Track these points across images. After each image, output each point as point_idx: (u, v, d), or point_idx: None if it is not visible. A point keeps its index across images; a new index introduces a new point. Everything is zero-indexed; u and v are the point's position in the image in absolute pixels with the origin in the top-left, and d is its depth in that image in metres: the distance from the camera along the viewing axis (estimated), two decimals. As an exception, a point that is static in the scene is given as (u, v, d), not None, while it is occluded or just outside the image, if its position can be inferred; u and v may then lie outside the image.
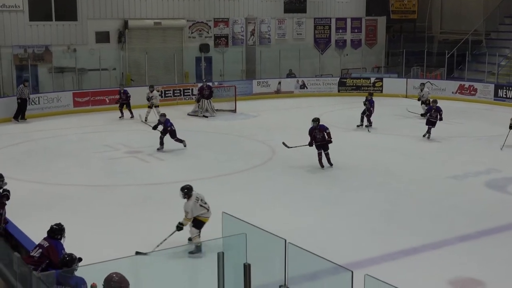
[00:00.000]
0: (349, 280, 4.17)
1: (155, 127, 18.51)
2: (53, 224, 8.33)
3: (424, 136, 19.66)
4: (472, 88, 29.34)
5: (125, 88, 24.80)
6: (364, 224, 11.99)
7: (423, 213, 12.76)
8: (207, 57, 31.18)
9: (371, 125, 21.72)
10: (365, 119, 21.85)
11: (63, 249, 8.20)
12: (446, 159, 17.59)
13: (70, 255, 7.16)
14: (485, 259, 10.44)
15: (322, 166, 16.21)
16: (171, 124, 18.06)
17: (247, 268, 5.01)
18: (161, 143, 18.02)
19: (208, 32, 31.63)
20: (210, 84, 26.05)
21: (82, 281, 6.60)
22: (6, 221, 9.49)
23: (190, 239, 10.40)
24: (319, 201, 13.55)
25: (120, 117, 24.07)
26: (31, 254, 7.90)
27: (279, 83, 31.13)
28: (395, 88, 30.33)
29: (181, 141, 18.12)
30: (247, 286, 5.05)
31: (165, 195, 13.92)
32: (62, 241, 8.26)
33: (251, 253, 5.13)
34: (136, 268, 9.27)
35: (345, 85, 31.58)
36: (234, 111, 25.87)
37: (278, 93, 30.70)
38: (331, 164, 16.28)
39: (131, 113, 23.89)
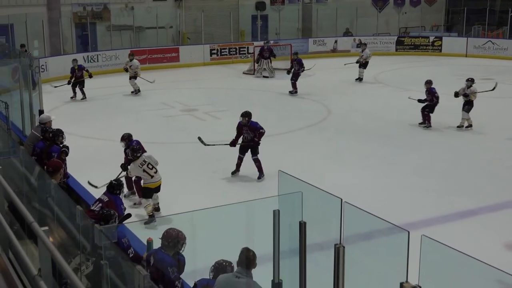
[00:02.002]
0: (406, 240, 4.14)
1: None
2: (112, 179, 8.54)
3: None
4: (535, 47, 28.48)
5: (80, 64, 20.81)
6: (420, 184, 11.87)
7: (481, 174, 12.55)
8: (263, 15, 31.02)
9: (295, 91, 20.59)
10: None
11: (122, 204, 8.41)
12: (505, 120, 17.19)
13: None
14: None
15: (237, 170, 12.34)
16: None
17: (302, 226, 5.03)
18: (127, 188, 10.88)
19: (264, -10, 31.44)
20: (272, 42, 25.88)
21: (122, 235, 6.72)
22: (67, 176, 9.74)
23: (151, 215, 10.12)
24: (375, 161, 13.46)
25: (71, 97, 20.27)
26: (92, 208, 8.12)
27: (336, 41, 30.78)
28: (454, 47, 29.67)
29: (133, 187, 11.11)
30: (303, 244, 5.07)
31: (222, 153, 14.04)
32: (121, 196, 8.47)
33: (307, 212, 5.13)
34: (193, 224, 9.43)
35: (403, 44, 31.03)
36: (290, 70, 25.72)
37: (334, 52, 30.39)
38: (261, 175, 12.07)
39: (83, 93, 20.16)
